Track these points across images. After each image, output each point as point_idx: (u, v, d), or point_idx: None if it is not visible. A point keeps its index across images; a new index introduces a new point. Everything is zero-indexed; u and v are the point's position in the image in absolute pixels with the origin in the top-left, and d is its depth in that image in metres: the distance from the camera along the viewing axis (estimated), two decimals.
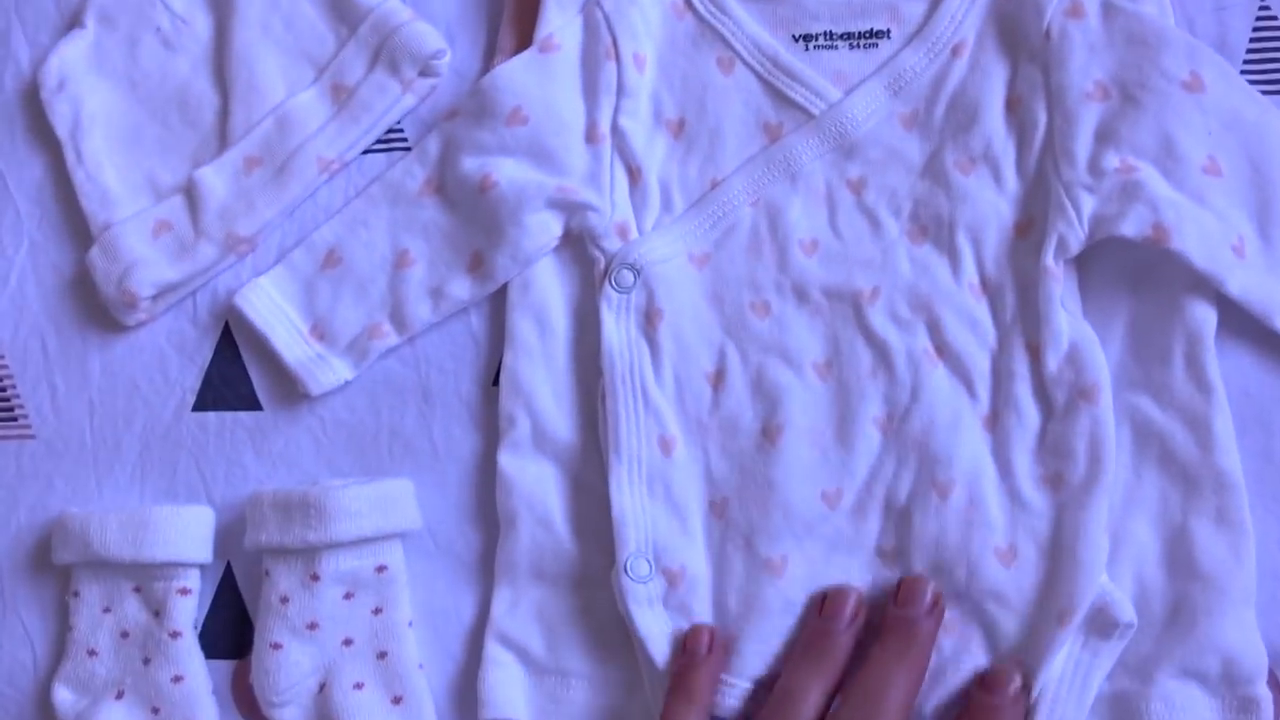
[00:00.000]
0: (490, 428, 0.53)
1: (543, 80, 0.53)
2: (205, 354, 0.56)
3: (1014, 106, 0.50)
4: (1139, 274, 0.49)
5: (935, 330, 0.49)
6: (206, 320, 0.57)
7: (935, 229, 0.50)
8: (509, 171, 0.52)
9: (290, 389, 0.55)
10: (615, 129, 0.53)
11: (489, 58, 0.57)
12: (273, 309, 0.55)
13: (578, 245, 0.53)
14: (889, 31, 0.52)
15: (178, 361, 0.57)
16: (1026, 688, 0.45)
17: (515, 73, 0.53)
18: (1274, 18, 0.51)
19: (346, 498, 0.50)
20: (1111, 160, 0.47)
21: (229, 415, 0.56)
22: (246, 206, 0.56)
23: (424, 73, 0.57)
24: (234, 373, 0.56)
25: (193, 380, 0.56)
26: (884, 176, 0.51)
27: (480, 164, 0.53)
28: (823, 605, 0.46)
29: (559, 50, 0.53)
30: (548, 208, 0.52)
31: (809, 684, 0.45)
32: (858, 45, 0.52)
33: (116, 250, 0.55)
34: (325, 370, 0.54)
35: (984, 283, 0.49)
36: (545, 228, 0.52)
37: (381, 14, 0.57)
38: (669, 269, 0.51)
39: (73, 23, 0.60)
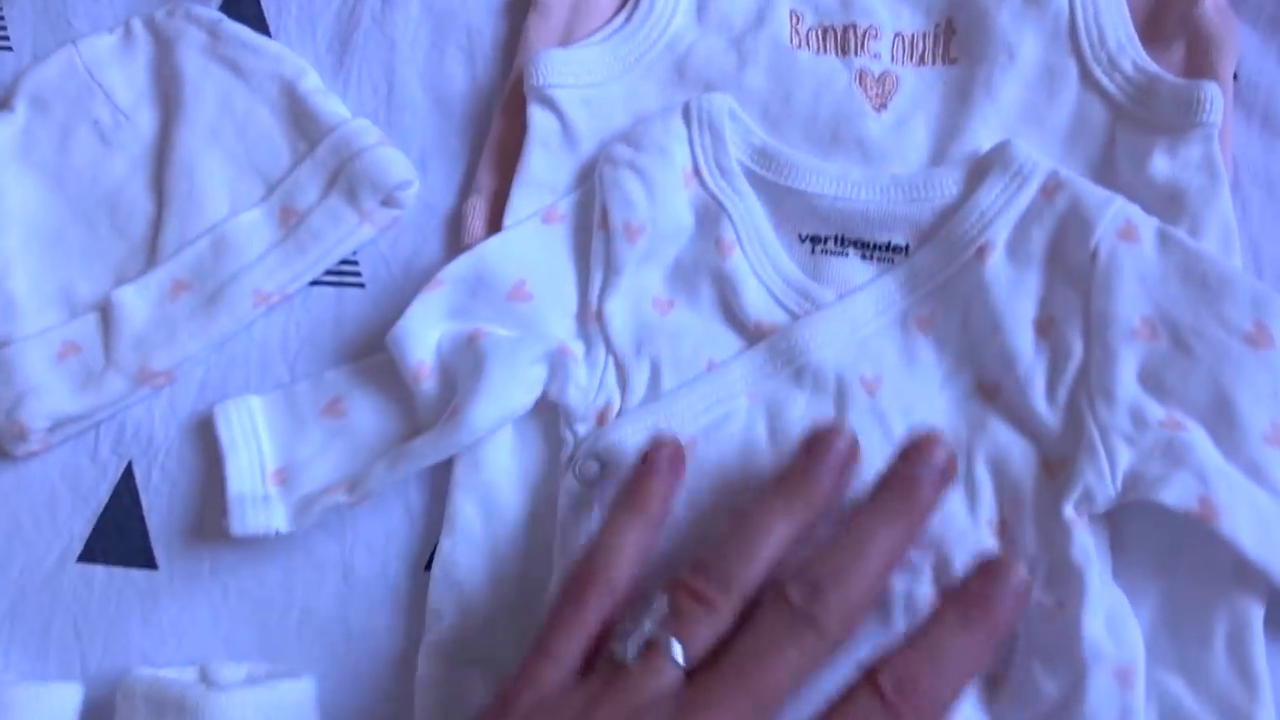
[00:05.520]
0: (416, 619, 0.46)
1: (548, 255, 0.47)
2: (101, 496, 0.49)
3: (1045, 329, 0.43)
4: (1180, 536, 0.42)
5: (943, 573, 0.42)
6: (108, 457, 0.50)
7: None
8: (503, 333, 0.46)
9: (193, 548, 0.48)
10: (601, 312, 0.47)
11: (464, 195, 0.51)
12: (247, 434, 0.48)
13: (547, 421, 0.47)
14: (907, 247, 0.46)
15: (69, 501, 0.49)
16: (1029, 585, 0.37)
17: (518, 244, 0.47)
18: None
19: (231, 705, 0.42)
20: (1156, 412, 0.41)
21: (119, 571, 0.48)
22: (167, 336, 0.49)
23: (386, 202, 0.50)
24: (130, 522, 0.49)
25: (82, 526, 0.49)
26: (898, 381, 0.44)
27: (472, 326, 0.46)
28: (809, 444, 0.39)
29: (563, 221, 0.48)
30: (541, 361, 0.45)
31: (773, 519, 0.37)
32: (870, 257, 0.46)
33: (12, 372, 0.48)
34: (263, 513, 0.46)
35: (1003, 524, 0.42)
36: (531, 382, 0.45)
37: (344, 134, 0.50)
38: None
39: (1, 105, 0.53)
